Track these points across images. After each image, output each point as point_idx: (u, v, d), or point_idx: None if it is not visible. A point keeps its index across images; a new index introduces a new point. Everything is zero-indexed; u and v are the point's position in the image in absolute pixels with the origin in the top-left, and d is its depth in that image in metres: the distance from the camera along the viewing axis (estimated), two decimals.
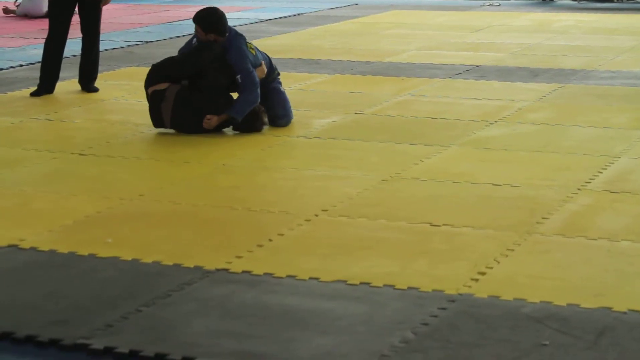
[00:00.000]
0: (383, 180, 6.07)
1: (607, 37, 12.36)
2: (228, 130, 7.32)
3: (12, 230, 5.21)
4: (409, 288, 4.39)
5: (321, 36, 12.61)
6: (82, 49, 8.92)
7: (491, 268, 4.63)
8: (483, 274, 4.56)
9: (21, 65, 10.36)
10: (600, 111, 8.00)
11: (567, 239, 5.05)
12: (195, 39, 7.49)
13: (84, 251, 4.87)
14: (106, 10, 9.64)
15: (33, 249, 4.93)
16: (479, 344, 3.86)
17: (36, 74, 9.05)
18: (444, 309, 4.18)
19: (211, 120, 7.23)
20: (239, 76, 7.29)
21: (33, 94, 8.75)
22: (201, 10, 7.48)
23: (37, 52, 10.24)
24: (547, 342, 3.86)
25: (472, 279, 4.49)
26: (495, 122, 7.62)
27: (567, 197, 5.72)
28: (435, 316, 4.11)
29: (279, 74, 7.82)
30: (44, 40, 8.93)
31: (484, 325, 4.02)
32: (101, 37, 9.06)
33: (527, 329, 3.98)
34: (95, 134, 7.39)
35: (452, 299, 4.27)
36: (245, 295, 4.35)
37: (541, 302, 4.23)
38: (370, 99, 8.54)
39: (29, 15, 14.62)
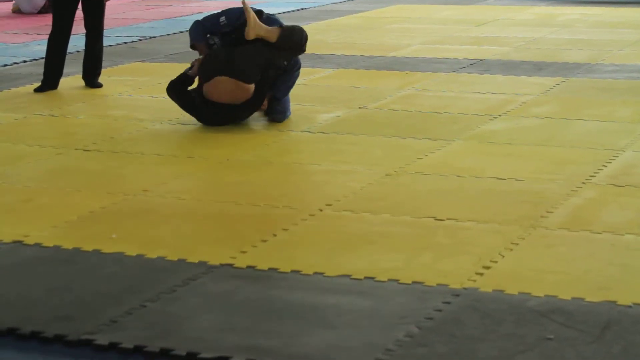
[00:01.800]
0: (387, 175, 6.07)
1: (612, 30, 12.34)
2: (231, 125, 7.31)
3: (16, 226, 5.22)
4: (414, 282, 4.39)
5: (325, 31, 12.59)
6: (86, 45, 8.91)
7: (495, 262, 4.63)
8: (487, 268, 4.56)
9: (25, 61, 10.35)
10: (604, 105, 7.98)
11: (571, 232, 5.05)
12: (224, 17, 7.40)
13: (88, 247, 4.88)
14: (110, 6, 9.66)
15: (37, 244, 4.94)
16: (483, 338, 3.86)
17: (40, 69, 9.04)
18: (448, 303, 4.18)
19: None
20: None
21: (37, 90, 8.74)
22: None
23: (40, 48, 10.23)
24: (552, 336, 3.86)
25: (477, 273, 4.49)
26: (500, 116, 7.61)
27: (572, 191, 5.72)
28: (440, 310, 4.11)
29: (299, 67, 7.70)
30: (47, 36, 8.93)
31: (489, 319, 4.02)
32: (105, 32, 9.04)
33: (532, 323, 3.98)
34: (99, 129, 7.40)
35: (456, 293, 4.27)
36: (250, 290, 4.35)
37: (546, 296, 4.23)
38: (374, 93, 8.53)
39: (26, 12, 14.55)
